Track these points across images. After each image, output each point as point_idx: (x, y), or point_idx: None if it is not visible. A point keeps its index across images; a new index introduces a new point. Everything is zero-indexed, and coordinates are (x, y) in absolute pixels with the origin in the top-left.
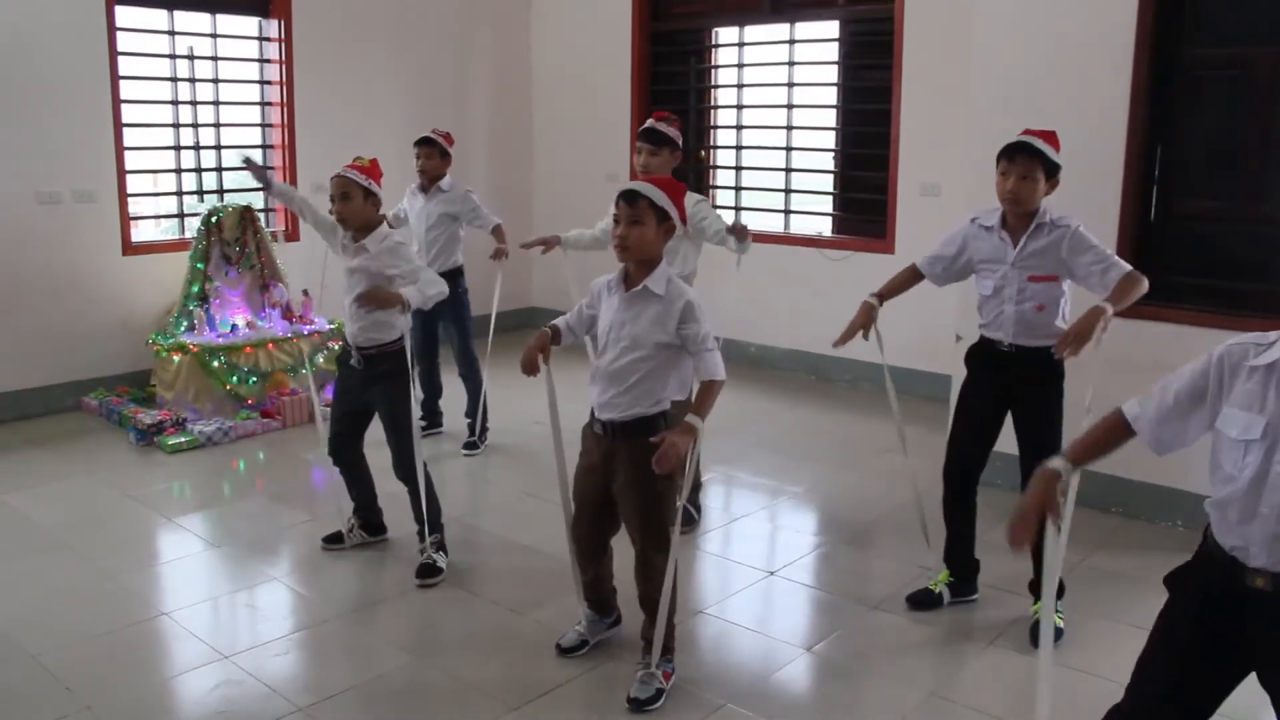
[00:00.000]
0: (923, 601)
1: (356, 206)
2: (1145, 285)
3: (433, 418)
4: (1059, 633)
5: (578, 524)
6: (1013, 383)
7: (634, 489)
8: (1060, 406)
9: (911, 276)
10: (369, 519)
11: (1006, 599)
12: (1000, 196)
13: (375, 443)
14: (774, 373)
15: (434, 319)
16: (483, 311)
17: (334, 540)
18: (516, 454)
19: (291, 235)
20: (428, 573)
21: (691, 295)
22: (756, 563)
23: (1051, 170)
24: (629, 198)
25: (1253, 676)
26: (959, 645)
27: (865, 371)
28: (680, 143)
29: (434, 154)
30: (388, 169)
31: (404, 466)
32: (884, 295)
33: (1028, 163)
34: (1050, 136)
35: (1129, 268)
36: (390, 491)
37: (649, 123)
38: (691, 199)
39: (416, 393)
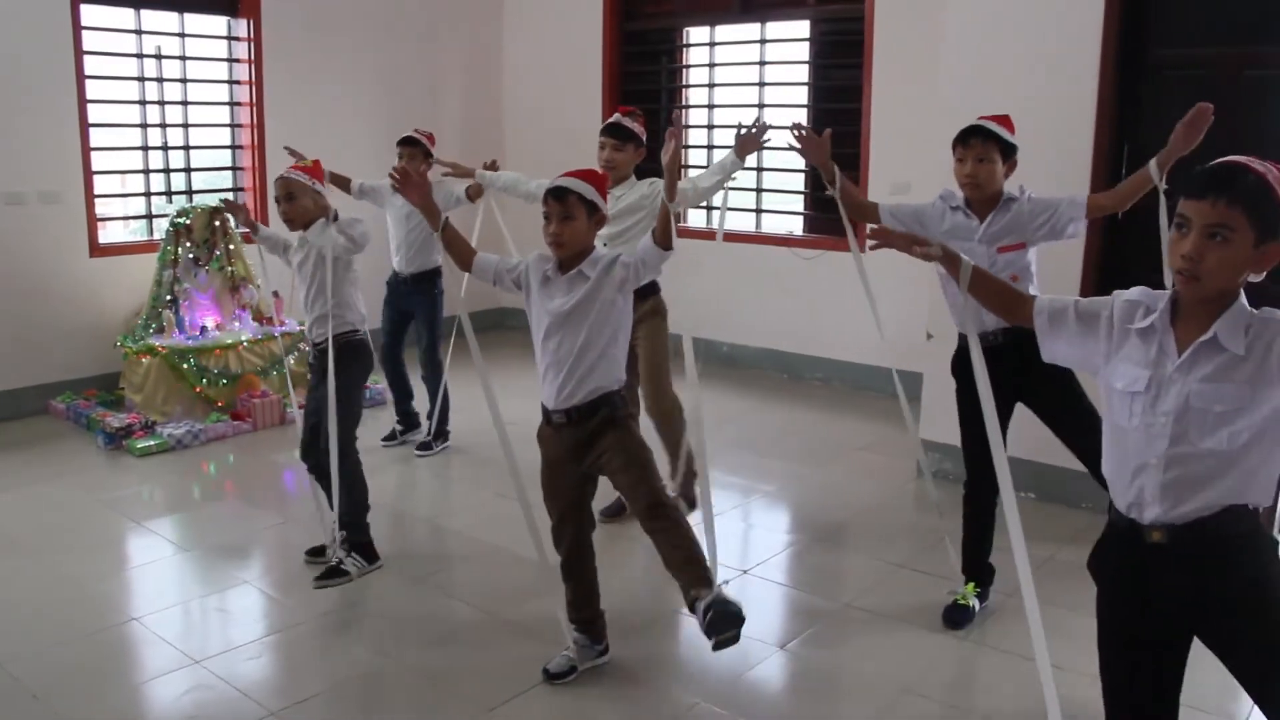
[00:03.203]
0: (958, 619)
1: (301, 205)
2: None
3: (407, 420)
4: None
5: (561, 532)
6: (1013, 376)
7: (619, 454)
8: (1075, 378)
9: (866, 207)
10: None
11: (995, 597)
12: (960, 182)
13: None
14: (746, 371)
15: (404, 321)
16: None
17: (317, 554)
18: (487, 455)
19: None
20: (329, 574)
21: (614, 250)
22: (729, 561)
23: (1008, 151)
24: (558, 194)
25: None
26: (932, 641)
27: (837, 370)
28: (644, 139)
29: (417, 154)
30: (360, 167)
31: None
32: (845, 186)
33: (982, 145)
34: (1004, 120)
35: None
36: (380, 500)
37: (614, 117)
38: (645, 182)
39: (386, 394)
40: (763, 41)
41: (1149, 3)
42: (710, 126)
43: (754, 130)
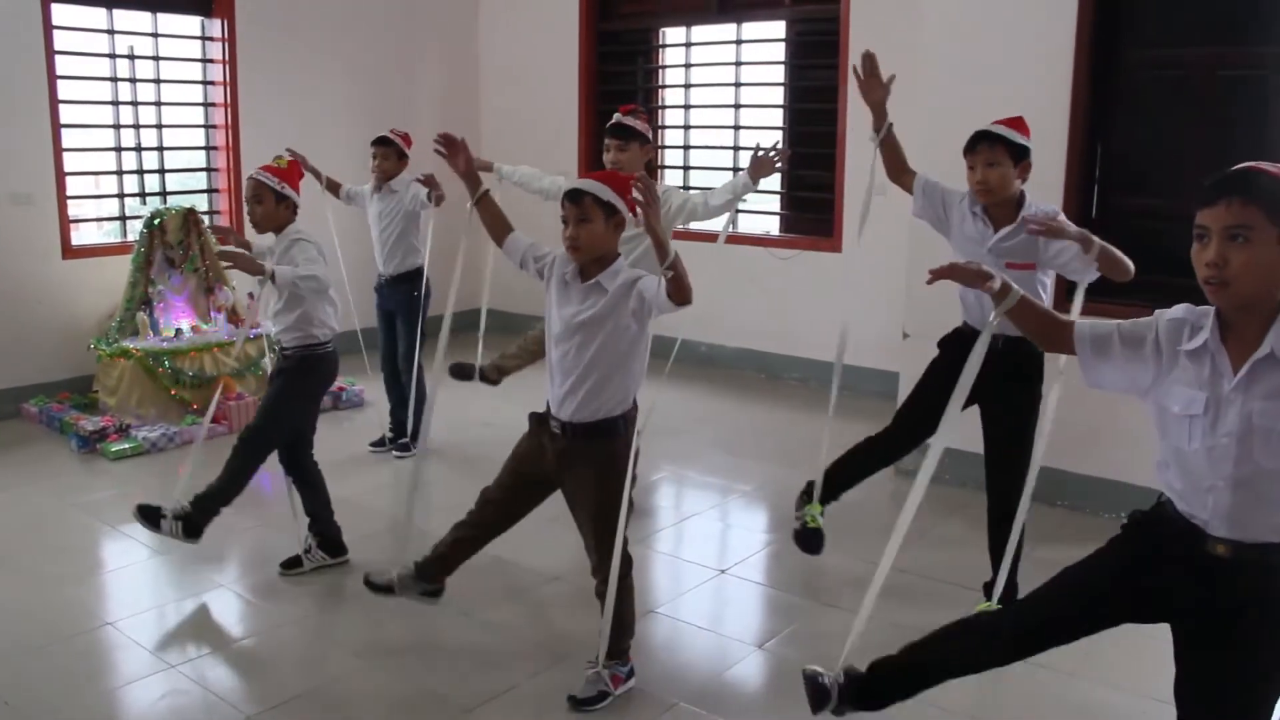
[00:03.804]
0: (814, 545)
1: (268, 210)
2: (1129, 263)
3: (400, 428)
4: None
5: (490, 491)
6: (989, 376)
7: (592, 493)
8: (1036, 408)
9: (904, 169)
10: (325, 533)
11: (959, 593)
12: (972, 189)
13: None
14: (723, 371)
15: (393, 322)
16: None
17: (292, 565)
18: (464, 455)
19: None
20: (291, 563)
21: (638, 271)
22: (707, 561)
23: (1019, 154)
24: (573, 197)
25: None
26: (909, 640)
27: (814, 370)
28: (650, 136)
29: (390, 154)
30: (335, 169)
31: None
32: (891, 139)
33: (989, 150)
34: (1016, 122)
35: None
36: (353, 502)
37: (616, 117)
38: (659, 187)
39: (363, 395)
40: (739, 42)
41: (1123, 4)
42: (687, 127)
43: (771, 153)
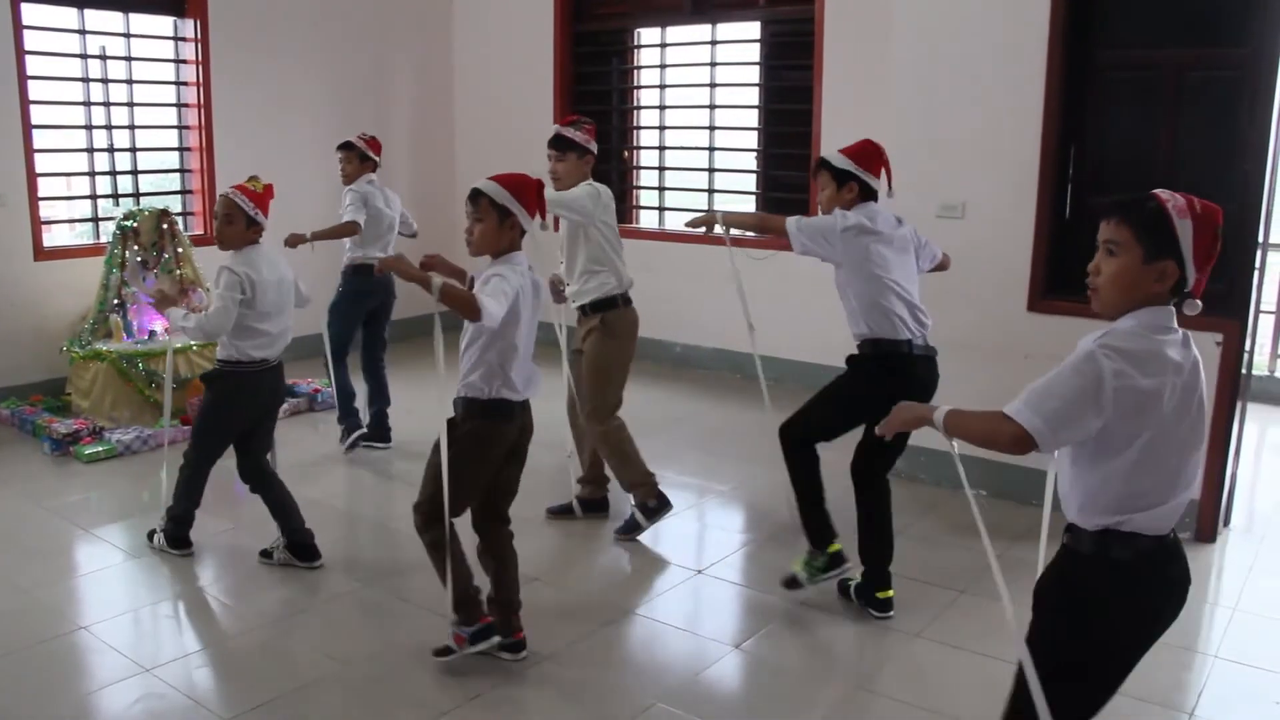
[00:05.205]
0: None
1: (237, 231)
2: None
3: (376, 418)
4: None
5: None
6: (881, 389)
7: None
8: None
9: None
10: (294, 539)
11: (930, 591)
12: None
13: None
14: (699, 372)
15: (368, 323)
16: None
17: (265, 555)
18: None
19: (210, 239)
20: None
21: (495, 266)
22: (684, 561)
23: (840, 177)
24: (472, 196)
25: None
26: (884, 640)
27: (790, 369)
28: (591, 146)
29: (352, 158)
30: (309, 171)
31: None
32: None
33: (820, 176)
34: (858, 146)
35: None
36: (324, 505)
37: (555, 128)
38: (581, 188)
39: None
40: (713, 43)
41: (1094, 6)
42: (662, 128)
43: None
